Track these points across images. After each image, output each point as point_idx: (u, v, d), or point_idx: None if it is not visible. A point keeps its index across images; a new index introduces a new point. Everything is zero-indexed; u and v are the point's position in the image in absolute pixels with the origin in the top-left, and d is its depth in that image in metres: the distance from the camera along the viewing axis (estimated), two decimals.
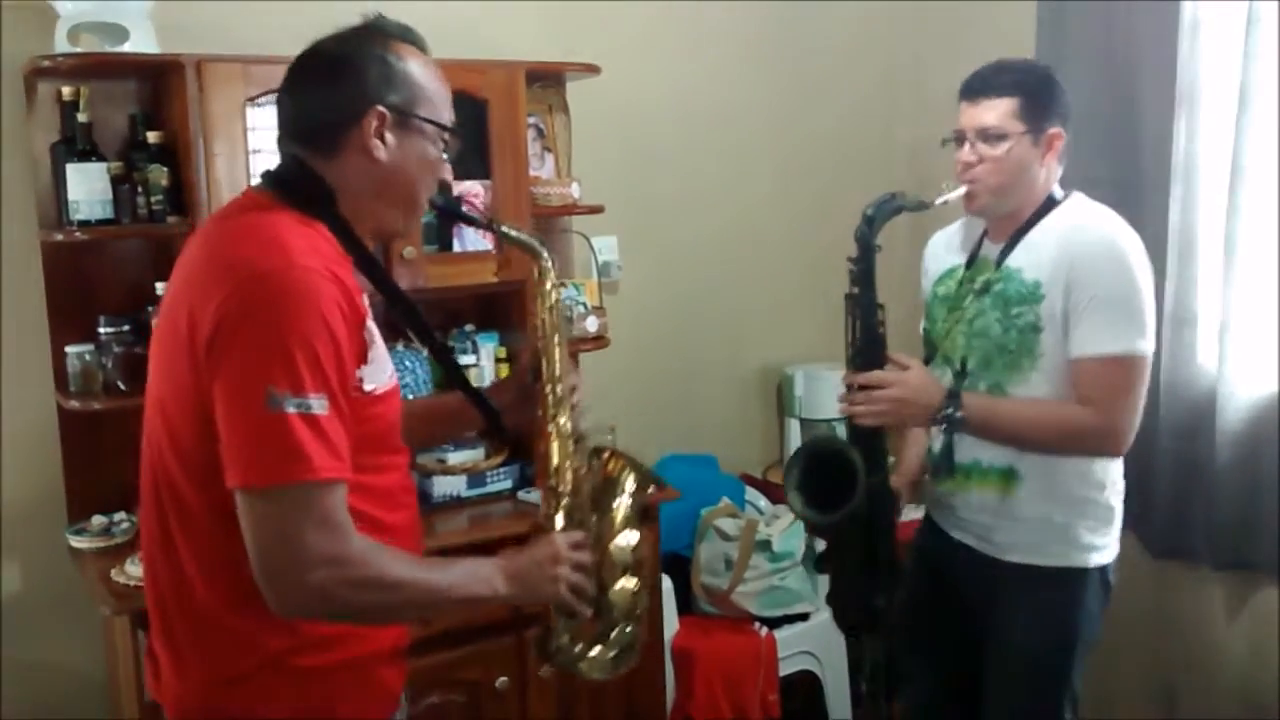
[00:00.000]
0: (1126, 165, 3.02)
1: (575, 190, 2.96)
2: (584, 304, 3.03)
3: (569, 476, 1.68)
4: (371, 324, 1.45)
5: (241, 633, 1.43)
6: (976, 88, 2.12)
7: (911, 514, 2.38)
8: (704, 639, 3.04)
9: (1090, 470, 2.12)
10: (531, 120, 2.94)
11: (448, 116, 1.54)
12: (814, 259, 3.72)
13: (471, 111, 2.73)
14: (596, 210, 3.01)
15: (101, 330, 2.51)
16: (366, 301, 1.45)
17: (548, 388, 1.70)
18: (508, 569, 1.54)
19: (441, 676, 2.48)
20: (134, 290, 2.58)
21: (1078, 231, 2.07)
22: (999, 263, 2.13)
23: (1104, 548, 2.15)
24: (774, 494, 3.41)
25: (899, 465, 2.34)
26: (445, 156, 1.56)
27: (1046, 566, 2.12)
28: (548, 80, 3.02)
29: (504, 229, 1.74)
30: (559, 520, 1.66)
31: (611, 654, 1.70)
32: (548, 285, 1.73)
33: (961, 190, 2.12)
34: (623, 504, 1.74)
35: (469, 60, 2.73)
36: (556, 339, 1.71)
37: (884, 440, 2.14)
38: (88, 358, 2.52)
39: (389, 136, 1.47)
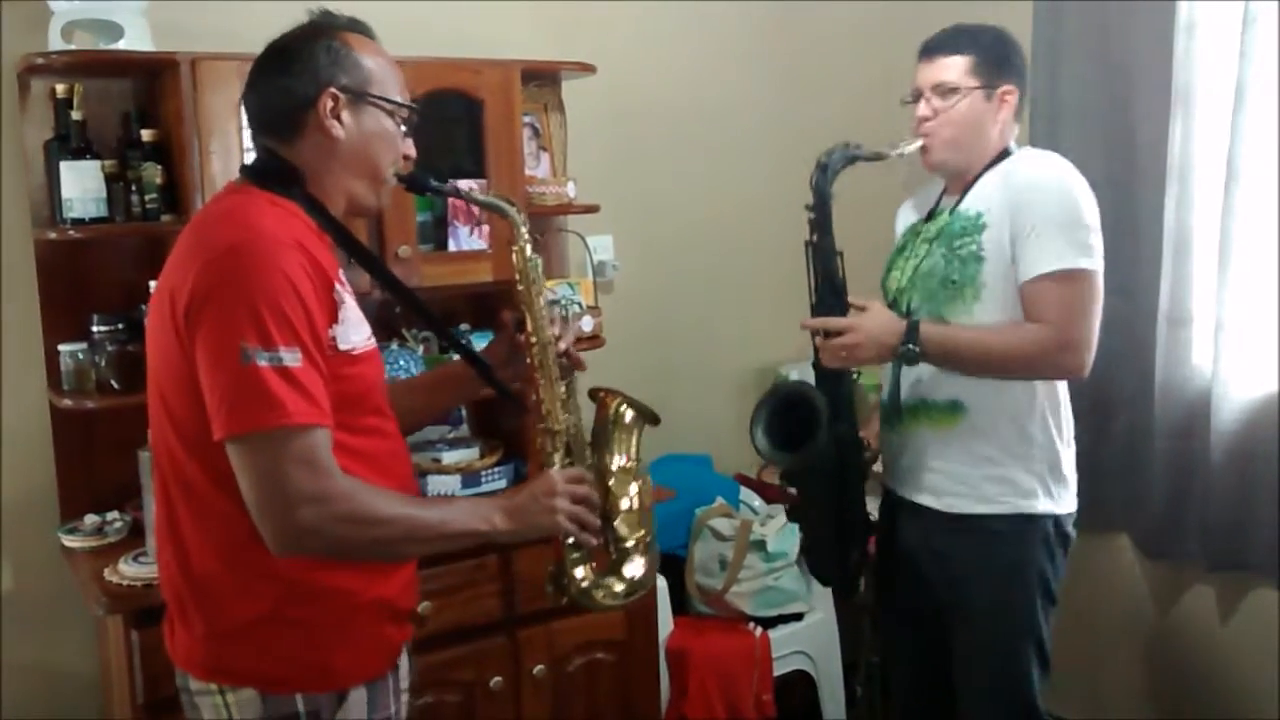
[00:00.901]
0: (1122, 165, 3.03)
1: (571, 189, 2.96)
2: (579, 303, 3.02)
3: (561, 416, 1.77)
4: (342, 289, 1.56)
5: (235, 587, 1.54)
6: (932, 46, 2.21)
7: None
8: (698, 639, 3.03)
9: (1038, 407, 2.14)
10: (527, 119, 2.93)
11: (400, 95, 1.66)
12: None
13: (467, 110, 2.73)
14: (592, 209, 3.00)
15: (95, 329, 2.50)
16: (344, 276, 1.58)
17: (532, 337, 1.78)
18: (506, 505, 1.65)
19: (435, 676, 2.48)
20: (128, 289, 2.57)
21: (1019, 166, 2.16)
22: (951, 211, 2.20)
23: (1051, 496, 2.16)
24: (768, 494, 3.41)
25: (871, 417, 2.37)
26: (404, 130, 1.67)
27: (989, 514, 2.13)
28: (543, 79, 3.02)
29: (469, 194, 1.86)
30: (556, 459, 1.75)
31: (623, 584, 1.78)
32: (521, 241, 1.80)
33: (917, 144, 2.19)
34: (621, 439, 1.83)
35: (464, 59, 2.72)
36: (534, 289, 1.79)
37: (850, 387, 2.19)
38: (81, 356, 2.51)
39: (344, 116, 1.60)
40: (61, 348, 2.52)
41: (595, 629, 2.70)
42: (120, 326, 2.49)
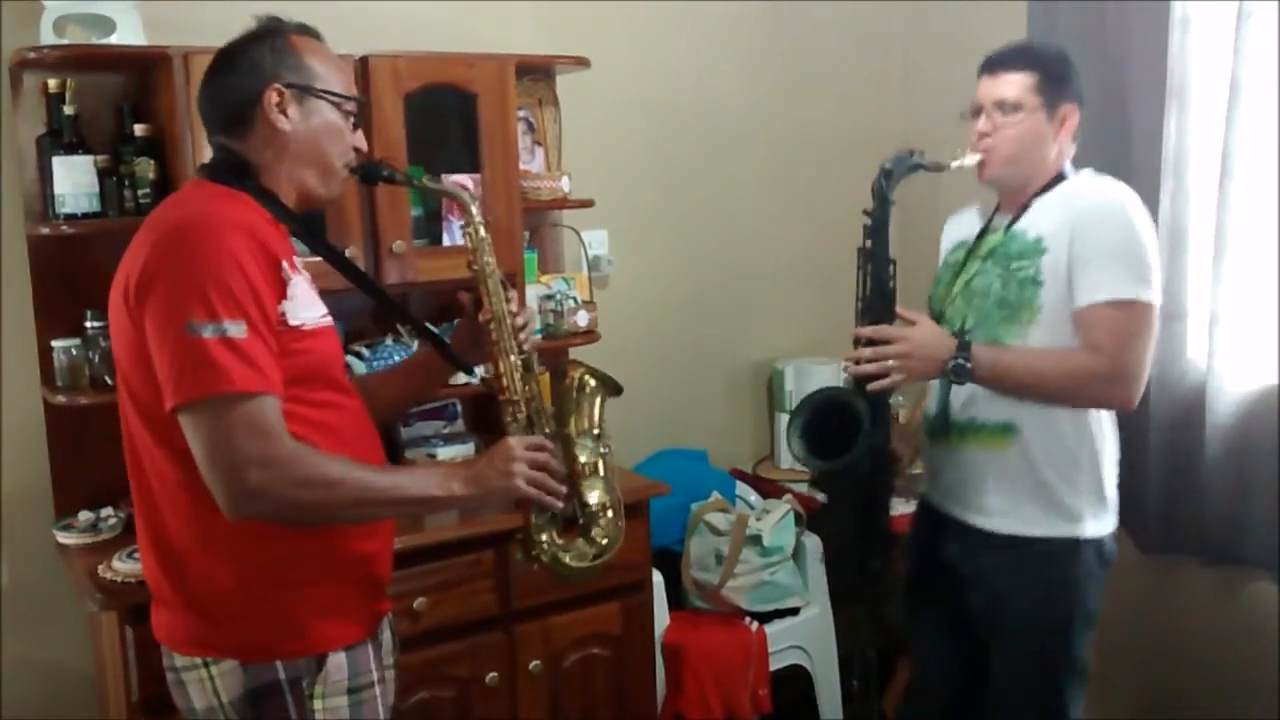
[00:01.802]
0: (1117, 160, 3.02)
1: (565, 184, 2.95)
2: (574, 298, 3.02)
3: (519, 387, 1.82)
4: (289, 269, 1.61)
5: (207, 558, 1.60)
6: (996, 62, 2.17)
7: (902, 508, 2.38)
8: (694, 634, 3.03)
9: (1086, 432, 2.13)
10: (521, 114, 2.92)
11: (346, 90, 1.72)
12: (805, 253, 3.72)
13: (461, 105, 2.72)
14: (587, 204, 3.00)
15: (88, 324, 2.50)
16: (299, 262, 1.66)
17: (490, 313, 1.84)
18: (464, 473, 1.70)
19: (431, 672, 2.48)
20: None
21: (1081, 191, 2.13)
22: (1006, 230, 2.17)
23: (1097, 518, 2.15)
24: (764, 489, 3.41)
25: (907, 427, 2.35)
26: (352, 123, 1.73)
27: (1036, 537, 2.13)
28: (537, 73, 3.01)
29: (422, 181, 1.96)
30: (515, 428, 1.80)
31: (591, 548, 1.84)
32: (473, 223, 1.86)
33: (975, 159, 2.16)
34: (584, 408, 1.87)
35: (458, 53, 2.72)
36: (487, 268, 1.85)
37: (887, 397, 2.14)
38: (74, 352, 2.51)
39: (291, 110, 1.66)
40: (55, 344, 2.52)
41: (591, 624, 2.70)
42: None
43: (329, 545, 1.65)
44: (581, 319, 2.97)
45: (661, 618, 3.01)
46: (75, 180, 2.41)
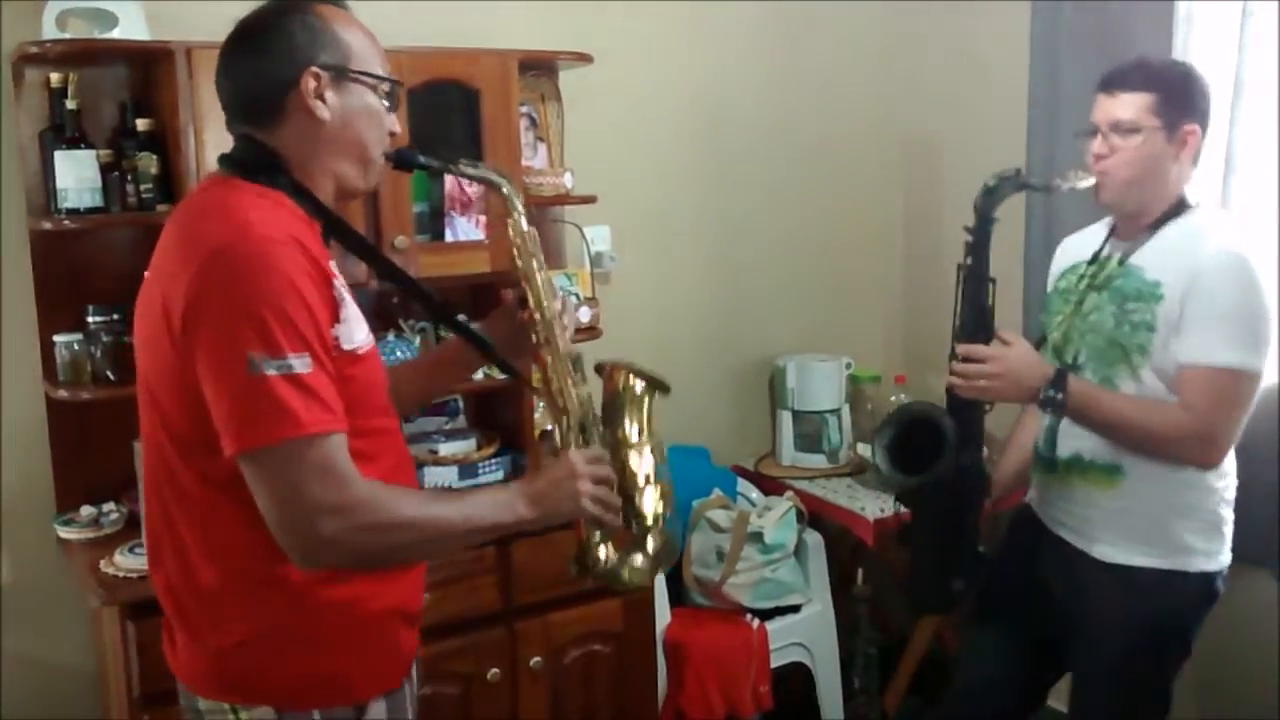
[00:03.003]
0: None
1: (568, 180, 2.95)
2: (576, 294, 3.02)
3: (573, 394, 1.70)
4: (340, 285, 1.48)
5: (242, 598, 1.47)
6: (1114, 81, 2.09)
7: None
8: (696, 631, 3.03)
9: (1199, 475, 2.09)
10: (524, 109, 2.92)
11: (382, 68, 1.57)
12: (807, 249, 3.72)
13: (464, 100, 2.72)
14: (589, 200, 2.99)
15: (90, 319, 2.49)
16: (335, 267, 1.49)
17: (535, 313, 1.72)
18: (528, 492, 1.58)
19: (433, 668, 2.47)
20: (123, 279, 2.54)
21: (1205, 239, 2.03)
22: (1123, 260, 2.12)
23: (1209, 554, 2.11)
24: (766, 486, 3.41)
25: (1000, 457, 2.34)
26: (388, 106, 1.58)
27: (1143, 567, 2.09)
28: (540, 69, 3.01)
29: (461, 167, 1.76)
30: (571, 439, 1.68)
31: (647, 560, 1.73)
32: (515, 213, 1.74)
33: (1091, 181, 2.09)
34: (633, 413, 1.77)
35: (461, 49, 2.71)
36: (535, 264, 1.73)
37: (981, 417, 2.12)
38: (76, 347, 2.50)
39: (328, 95, 1.50)
40: (57, 338, 2.51)
41: (593, 621, 2.70)
42: (116, 317, 2.49)
43: (370, 585, 1.53)
44: (584, 315, 2.97)
45: (663, 614, 3.01)
46: (77, 175, 2.40)
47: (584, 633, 2.70)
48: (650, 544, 1.73)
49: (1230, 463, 2.15)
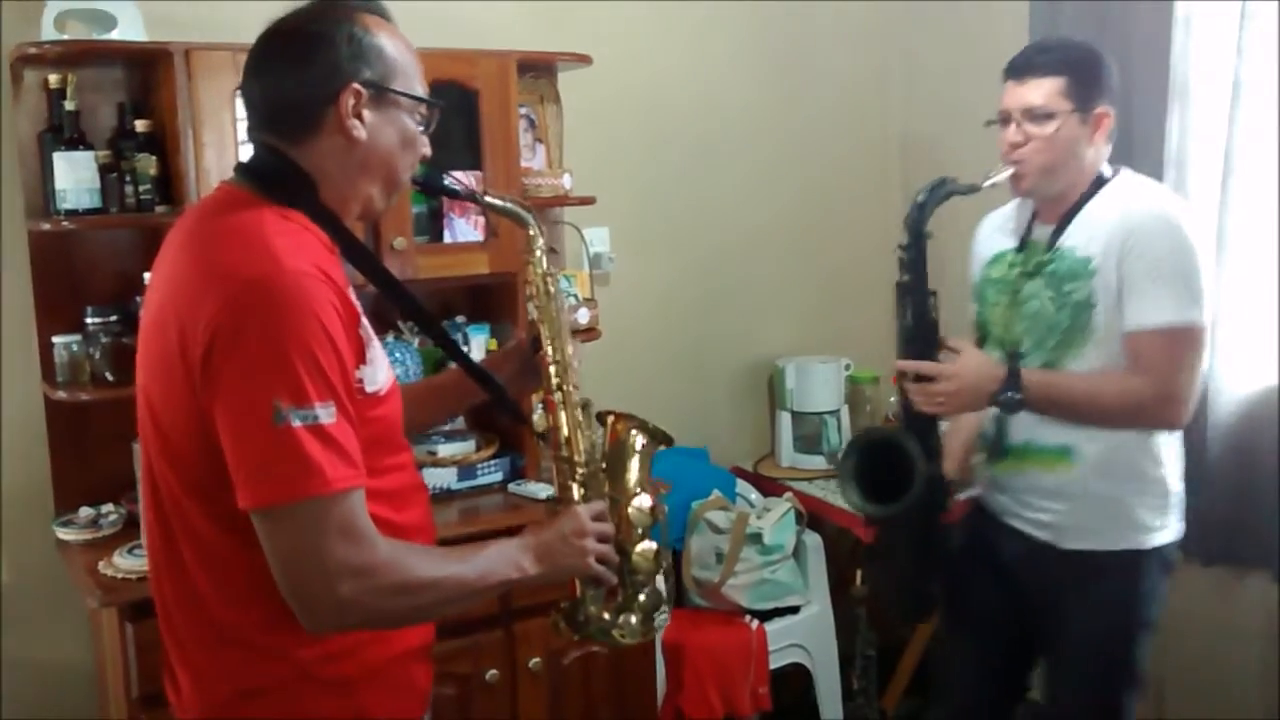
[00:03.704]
0: (1119, 159, 2.97)
1: (567, 181, 2.95)
2: (575, 295, 3.02)
3: (581, 445, 1.65)
4: (366, 322, 1.40)
5: (267, 647, 1.39)
6: (1022, 67, 2.09)
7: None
8: (695, 632, 3.03)
9: (1148, 445, 2.10)
10: (523, 111, 2.92)
11: (422, 88, 1.48)
12: (806, 251, 3.72)
13: (462, 102, 2.72)
14: (588, 201, 2.99)
15: (89, 320, 2.49)
16: (353, 295, 1.40)
17: (550, 356, 1.67)
18: (535, 548, 1.52)
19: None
20: (121, 280, 2.56)
21: (1130, 205, 2.05)
22: (1051, 244, 2.12)
23: (1163, 528, 2.13)
24: (765, 487, 3.41)
25: (946, 452, 2.34)
26: (423, 130, 1.49)
27: (1104, 552, 2.10)
28: (539, 70, 3.01)
29: (488, 198, 1.70)
30: (576, 491, 1.64)
31: (641, 617, 1.68)
32: (537, 252, 1.69)
33: (1009, 172, 2.09)
34: (634, 466, 1.72)
35: (460, 50, 2.71)
36: (553, 307, 1.68)
37: (937, 425, 2.13)
38: (75, 348, 2.50)
39: (366, 114, 1.40)
40: (55, 339, 2.51)
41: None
42: (114, 318, 2.49)
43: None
44: (582, 317, 2.97)
45: None
46: (76, 176, 2.40)
47: None
48: (643, 601, 1.68)
49: (1178, 437, 2.15)
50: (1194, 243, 2.01)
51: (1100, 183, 2.11)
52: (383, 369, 1.43)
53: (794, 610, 3.17)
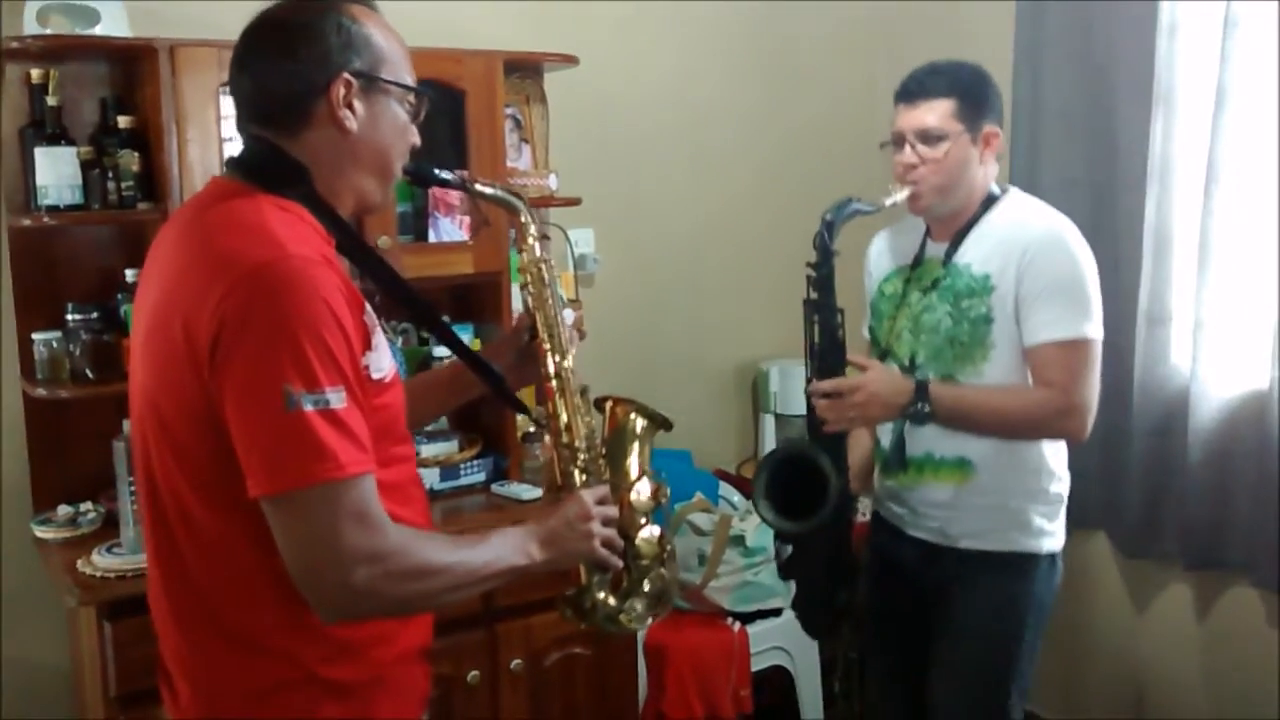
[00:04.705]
0: (1103, 165, 3.04)
1: (552, 182, 2.95)
2: (560, 296, 3.01)
3: (581, 430, 1.66)
4: (370, 308, 1.39)
5: (273, 649, 1.37)
6: (913, 90, 2.15)
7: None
8: (676, 634, 3.03)
9: (1041, 458, 2.16)
10: (509, 111, 2.92)
11: (410, 77, 1.47)
12: (791, 254, 3.66)
13: (448, 102, 2.71)
14: (573, 202, 2.99)
15: (69, 317, 2.48)
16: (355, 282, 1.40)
17: (546, 343, 1.68)
18: (541, 534, 1.52)
19: None
20: (103, 277, 2.55)
21: (1023, 224, 2.13)
22: (946, 260, 2.17)
23: (1053, 534, 2.19)
24: (748, 489, 3.39)
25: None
26: (412, 119, 1.49)
27: (998, 552, 2.16)
28: (526, 71, 3.00)
29: (478, 187, 1.69)
30: (577, 477, 1.64)
31: (647, 603, 1.68)
32: (529, 239, 1.69)
33: (906, 192, 2.15)
34: (635, 450, 1.73)
35: (446, 49, 2.71)
36: (546, 293, 1.68)
37: (844, 439, 2.16)
38: (55, 345, 2.49)
39: (357, 105, 1.40)
40: (35, 336, 2.50)
41: (573, 623, 2.69)
42: (95, 315, 2.47)
43: (396, 624, 1.47)
44: (567, 317, 2.95)
45: None
46: (58, 172, 2.39)
47: (564, 635, 2.69)
48: (647, 586, 1.68)
49: (1063, 448, 2.22)
50: (1085, 260, 2.09)
51: (990, 201, 2.17)
52: (386, 356, 1.43)
53: (776, 613, 3.17)
